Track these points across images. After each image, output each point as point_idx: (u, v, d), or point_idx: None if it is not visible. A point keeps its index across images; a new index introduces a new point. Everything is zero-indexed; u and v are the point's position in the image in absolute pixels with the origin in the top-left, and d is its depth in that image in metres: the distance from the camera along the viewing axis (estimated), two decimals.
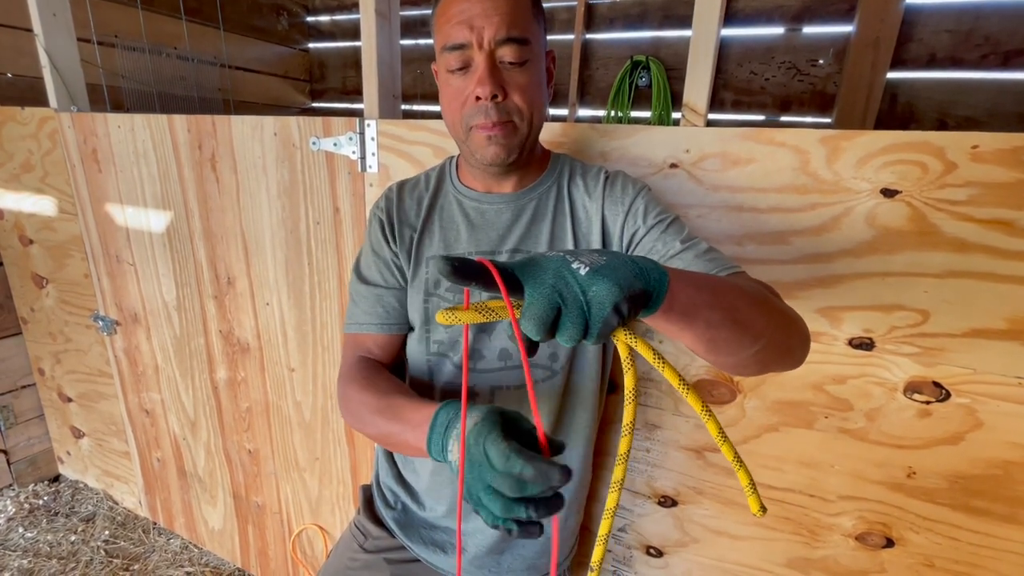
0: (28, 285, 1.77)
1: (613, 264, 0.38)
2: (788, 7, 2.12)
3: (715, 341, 0.46)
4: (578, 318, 0.36)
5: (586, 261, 0.38)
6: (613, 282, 0.36)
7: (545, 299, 0.36)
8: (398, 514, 0.81)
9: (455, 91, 0.65)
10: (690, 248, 0.63)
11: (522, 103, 0.64)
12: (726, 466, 0.89)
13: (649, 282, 0.39)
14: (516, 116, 0.64)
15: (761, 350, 0.50)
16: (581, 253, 0.39)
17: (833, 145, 0.72)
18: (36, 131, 1.51)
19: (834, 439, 0.80)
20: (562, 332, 0.37)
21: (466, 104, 0.64)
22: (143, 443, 1.70)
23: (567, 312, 0.37)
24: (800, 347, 0.56)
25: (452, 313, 0.42)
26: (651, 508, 0.96)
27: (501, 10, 0.61)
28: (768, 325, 0.50)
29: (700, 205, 0.81)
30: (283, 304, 1.25)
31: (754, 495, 0.45)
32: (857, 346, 0.76)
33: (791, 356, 0.56)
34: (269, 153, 1.15)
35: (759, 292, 0.53)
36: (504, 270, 0.37)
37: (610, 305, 0.36)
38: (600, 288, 0.36)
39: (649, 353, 0.41)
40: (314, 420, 1.30)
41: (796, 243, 0.77)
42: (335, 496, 1.34)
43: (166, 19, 2.28)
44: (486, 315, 0.42)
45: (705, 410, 0.43)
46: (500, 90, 0.62)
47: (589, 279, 0.37)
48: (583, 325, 0.37)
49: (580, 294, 0.37)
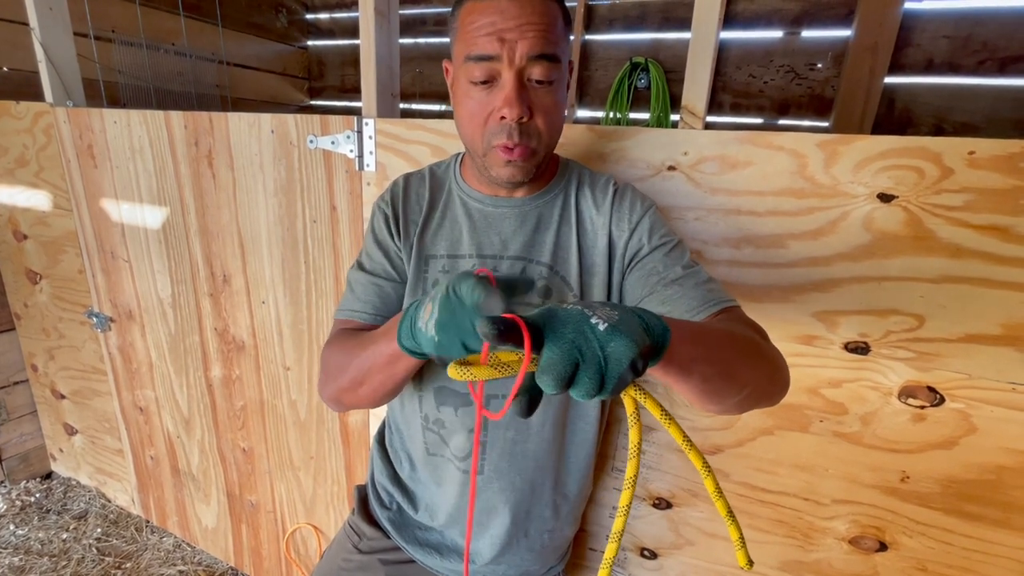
0: (22, 281, 1.75)
1: (626, 319, 0.38)
2: (787, 11, 2.12)
3: (706, 392, 0.49)
4: (595, 374, 0.36)
5: (602, 316, 0.38)
6: (630, 338, 0.37)
7: (566, 355, 0.36)
8: (393, 514, 0.81)
9: (477, 105, 0.62)
10: (690, 276, 0.63)
11: (544, 127, 0.63)
12: (721, 469, 0.89)
13: (655, 336, 0.40)
14: (536, 139, 0.63)
15: (745, 398, 0.52)
16: (596, 307, 0.39)
17: (831, 149, 0.72)
18: (31, 126, 1.50)
19: (829, 443, 0.80)
20: (578, 387, 0.37)
21: (489, 121, 0.62)
22: (136, 441, 1.69)
23: (585, 368, 0.36)
24: (780, 392, 0.58)
25: (466, 369, 0.40)
26: (646, 510, 0.96)
27: (536, 25, 0.58)
28: (755, 375, 0.53)
29: (698, 208, 0.81)
30: (279, 302, 1.24)
31: (742, 549, 0.47)
32: (853, 350, 0.76)
33: (771, 400, 0.58)
34: (266, 151, 1.14)
35: (750, 341, 0.54)
36: (532, 325, 0.37)
37: (627, 361, 0.36)
38: (618, 344, 0.36)
39: (657, 409, 0.42)
40: (309, 419, 1.30)
41: (793, 247, 0.77)
42: (329, 495, 1.34)
43: (164, 15, 2.27)
44: (502, 371, 0.40)
45: (705, 468, 0.45)
46: (527, 111, 0.60)
47: (608, 335, 0.37)
48: (599, 381, 0.36)
49: (599, 350, 0.36)
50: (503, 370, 0.41)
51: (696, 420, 0.88)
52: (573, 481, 0.77)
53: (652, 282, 0.65)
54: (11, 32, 1.72)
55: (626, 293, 0.69)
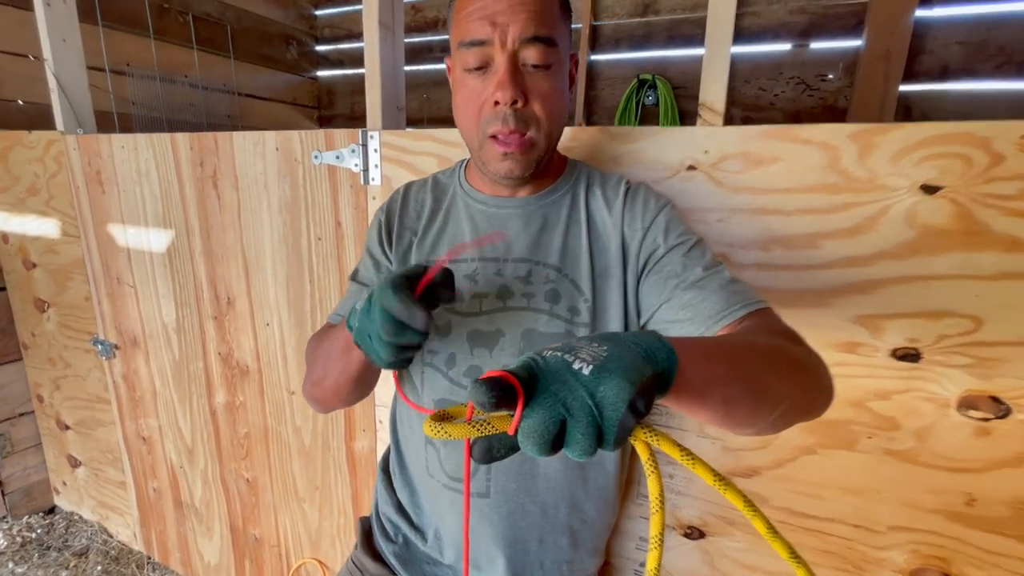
0: (30, 309, 1.74)
1: (616, 354, 0.33)
2: (794, 24, 2.11)
3: (731, 416, 0.42)
4: (589, 427, 0.31)
5: (585, 357, 0.33)
6: (622, 377, 0.32)
7: (547, 412, 0.31)
8: (399, 548, 0.74)
9: (471, 93, 0.60)
10: (712, 277, 0.57)
11: (541, 112, 0.59)
12: (759, 493, 0.81)
13: (658, 364, 0.35)
14: (534, 127, 0.59)
15: (781, 416, 0.46)
16: (578, 348, 0.34)
17: (865, 140, 0.67)
18: (42, 154, 1.50)
19: (880, 462, 0.72)
20: (571, 445, 0.32)
21: (483, 109, 0.59)
22: (139, 471, 1.64)
23: (574, 423, 0.31)
24: (823, 403, 0.51)
25: (440, 426, 0.36)
26: (676, 540, 0.88)
27: (528, 7, 0.56)
28: (790, 389, 0.46)
29: (721, 208, 0.76)
30: (283, 324, 1.20)
31: None
32: (901, 357, 0.69)
33: (812, 413, 0.51)
34: (271, 168, 1.12)
35: (777, 351, 0.48)
36: (524, 381, 0.33)
37: (624, 404, 0.31)
38: (609, 387, 0.31)
39: (675, 450, 0.36)
40: (314, 446, 1.24)
41: (827, 246, 0.71)
42: (336, 528, 1.27)
43: (178, 48, 2.32)
44: (481, 429, 0.35)
45: (750, 508, 0.38)
46: (521, 96, 0.57)
47: (594, 379, 0.32)
48: (595, 434, 0.31)
49: (587, 398, 0.32)
50: (484, 428, 0.35)
51: (727, 439, 0.81)
52: (592, 503, 0.69)
53: (670, 286, 0.59)
54: (28, 66, 1.76)
55: (642, 299, 0.63)
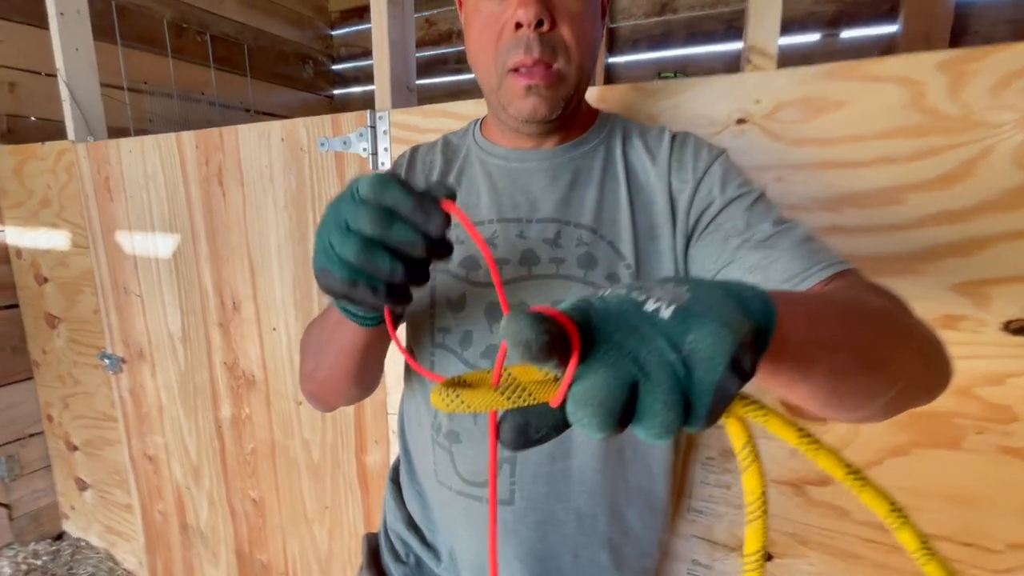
0: (41, 326, 1.71)
1: (704, 296, 0.23)
2: (821, 13, 2.02)
3: (838, 393, 0.32)
4: (672, 392, 0.22)
5: (663, 296, 0.23)
6: (718, 322, 0.22)
7: (609, 369, 0.22)
8: (410, 570, 0.62)
9: (487, 19, 0.51)
10: (784, 233, 0.47)
11: (571, 38, 0.50)
12: (836, 505, 0.68)
13: (753, 316, 0.24)
14: (563, 57, 0.50)
15: (896, 396, 0.35)
16: (649, 286, 0.25)
17: (956, 70, 0.56)
18: (54, 165, 1.48)
19: (994, 464, 0.59)
20: (646, 419, 0.22)
21: (503, 35, 0.50)
22: (146, 493, 1.56)
23: (651, 386, 0.22)
24: (943, 384, 0.40)
25: (453, 394, 0.25)
26: (737, 563, 0.75)
27: None
28: (911, 363, 0.36)
29: (779, 166, 0.65)
30: (290, 328, 1.12)
31: None
32: (1016, 331, 0.57)
33: (931, 395, 0.40)
34: (276, 160, 1.06)
35: (890, 313, 0.37)
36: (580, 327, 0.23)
37: (723, 360, 0.21)
38: (701, 336, 0.22)
39: (790, 432, 0.25)
40: (323, 461, 1.14)
41: (914, 201, 0.60)
42: (347, 552, 1.15)
43: (196, 67, 2.34)
44: (514, 397, 0.24)
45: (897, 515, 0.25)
46: (547, 15, 0.48)
47: (679, 325, 0.22)
48: (681, 402, 0.22)
49: (669, 351, 0.22)
50: (515, 396, 0.24)
51: None
52: (636, 511, 0.57)
53: (732, 246, 0.48)
54: (44, 84, 1.77)
55: (694, 263, 0.52)
